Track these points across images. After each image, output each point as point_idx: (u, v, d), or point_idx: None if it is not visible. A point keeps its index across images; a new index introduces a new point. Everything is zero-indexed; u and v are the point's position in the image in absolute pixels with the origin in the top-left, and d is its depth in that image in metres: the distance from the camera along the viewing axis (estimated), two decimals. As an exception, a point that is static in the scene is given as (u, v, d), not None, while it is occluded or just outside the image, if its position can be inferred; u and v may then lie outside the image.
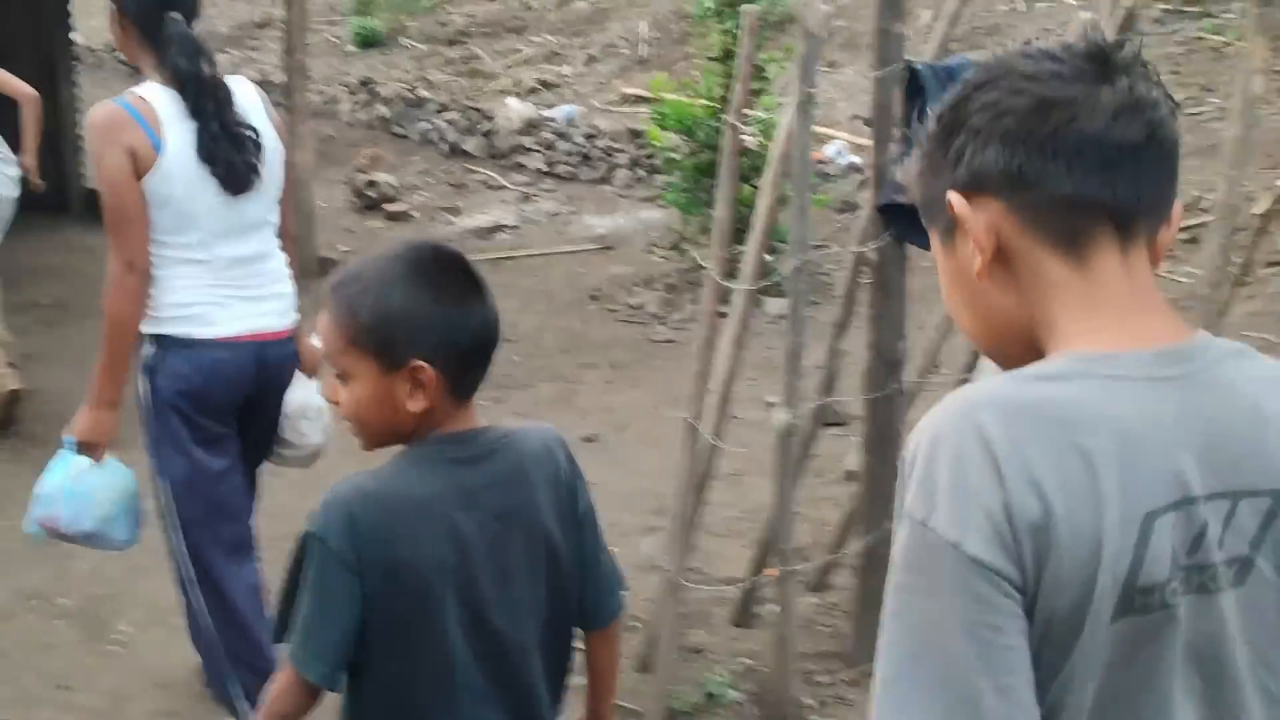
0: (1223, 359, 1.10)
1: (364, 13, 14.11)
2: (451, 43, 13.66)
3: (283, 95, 7.62)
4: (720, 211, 3.70)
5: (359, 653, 1.77)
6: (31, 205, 6.15)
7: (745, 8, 3.71)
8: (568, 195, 10.16)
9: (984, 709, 0.98)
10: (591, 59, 12.69)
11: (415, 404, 1.70)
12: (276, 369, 3.10)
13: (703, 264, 4.27)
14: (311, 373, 3.17)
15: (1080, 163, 1.06)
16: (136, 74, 3.10)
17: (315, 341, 2.02)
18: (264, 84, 4.25)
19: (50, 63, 9.50)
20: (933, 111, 1.15)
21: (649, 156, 9.87)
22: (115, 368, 2.95)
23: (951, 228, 1.13)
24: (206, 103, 2.90)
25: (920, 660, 1.01)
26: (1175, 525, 1.04)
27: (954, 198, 1.10)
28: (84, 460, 2.98)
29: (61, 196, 9.07)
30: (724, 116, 3.92)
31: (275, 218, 3.11)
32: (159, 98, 2.91)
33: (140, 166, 2.85)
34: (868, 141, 4.48)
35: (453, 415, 1.77)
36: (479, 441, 1.80)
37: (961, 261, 1.13)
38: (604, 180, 10.35)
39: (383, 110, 11.65)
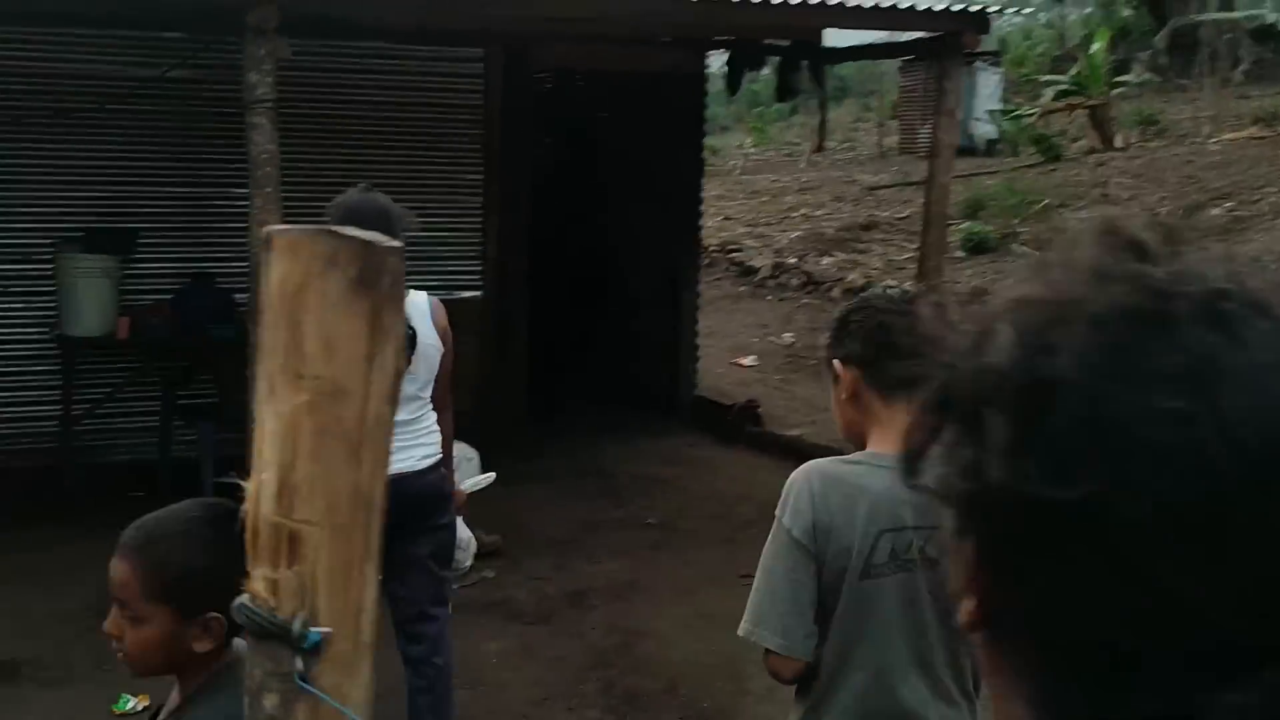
0: None
1: (973, 217, 13.68)
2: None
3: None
4: None
5: None
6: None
7: None
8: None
9: (783, 604, 2.15)
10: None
11: (202, 646, 1.89)
12: (417, 498, 3.77)
13: None
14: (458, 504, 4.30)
15: (899, 360, 2.04)
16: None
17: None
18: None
19: (675, 268, 9.80)
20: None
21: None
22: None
23: (836, 378, 2.26)
24: None
25: (766, 580, 2.19)
26: (893, 538, 2.14)
27: (836, 364, 2.26)
28: None
29: (673, 403, 9.25)
30: None
31: (427, 394, 3.99)
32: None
33: None
34: None
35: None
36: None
37: (837, 392, 2.27)
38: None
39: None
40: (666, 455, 8.36)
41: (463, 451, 6.06)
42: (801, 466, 2.23)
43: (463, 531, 4.55)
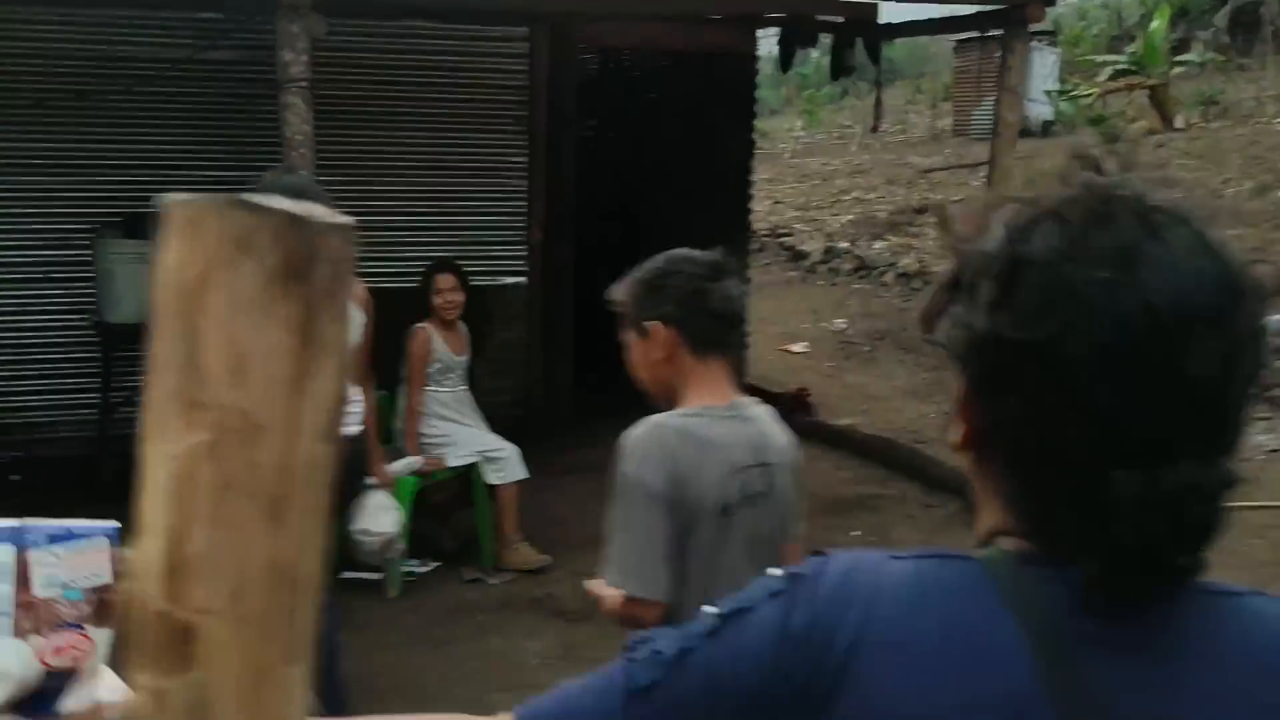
0: (750, 405, 2.51)
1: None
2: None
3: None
4: None
5: None
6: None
7: None
8: None
9: (647, 554, 2.31)
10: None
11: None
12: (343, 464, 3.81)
13: None
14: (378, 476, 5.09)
15: (712, 320, 2.41)
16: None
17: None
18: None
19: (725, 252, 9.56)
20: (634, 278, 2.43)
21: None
22: None
23: (644, 333, 2.43)
24: None
25: (626, 535, 2.34)
26: (741, 478, 2.37)
27: (652, 324, 2.41)
28: None
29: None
30: None
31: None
32: None
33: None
34: None
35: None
36: None
37: (648, 351, 2.44)
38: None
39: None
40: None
41: (499, 446, 5.88)
42: (642, 423, 2.38)
43: (388, 523, 5.11)
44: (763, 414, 2.52)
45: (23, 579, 1.32)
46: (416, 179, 8.19)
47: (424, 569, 5.83)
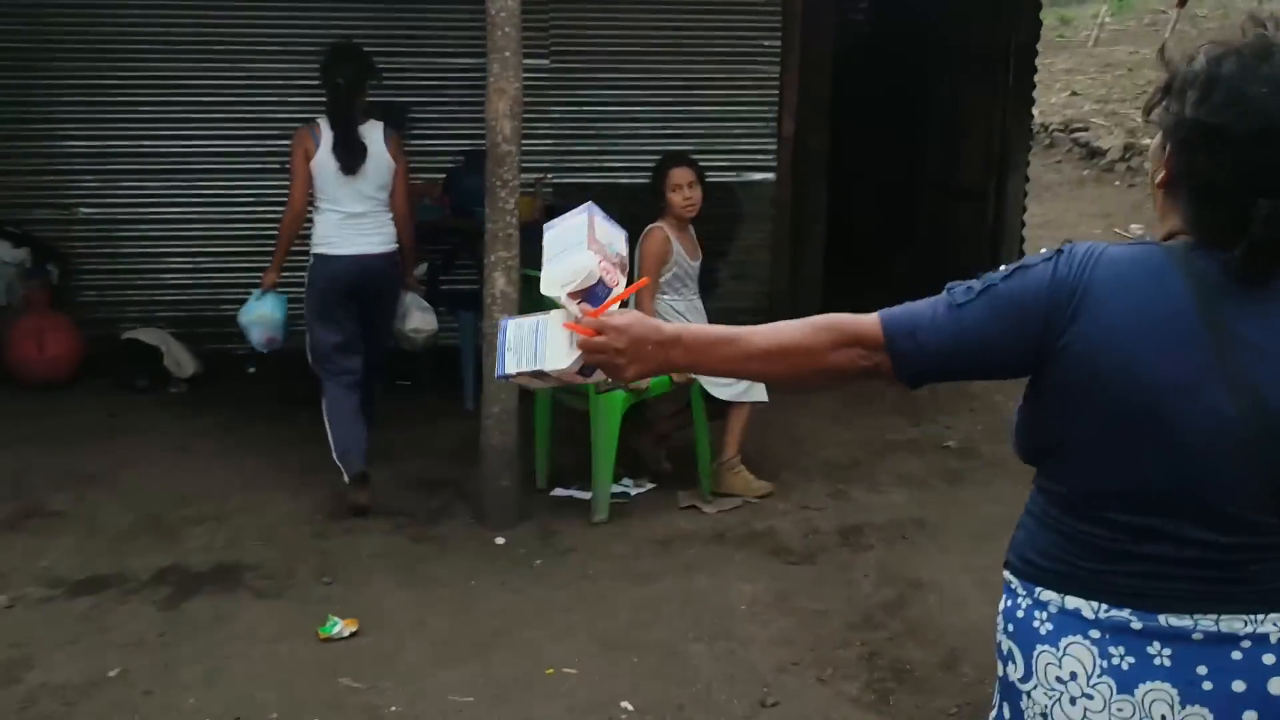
0: None
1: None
2: None
3: None
4: None
5: None
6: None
7: None
8: None
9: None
10: None
11: None
12: (373, 275, 5.28)
13: None
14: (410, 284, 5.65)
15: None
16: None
17: None
18: None
19: (1002, 149, 8.54)
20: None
21: None
22: (279, 253, 5.37)
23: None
24: (338, 128, 5.16)
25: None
26: None
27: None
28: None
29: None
30: None
31: (382, 197, 5.28)
32: (324, 122, 5.19)
33: (309, 155, 5.17)
34: None
35: None
36: None
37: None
38: None
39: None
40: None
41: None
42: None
43: (428, 321, 5.71)
44: None
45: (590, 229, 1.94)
46: (653, 65, 7.60)
47: (638, 490, 5.38)
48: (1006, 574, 1.83)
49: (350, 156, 5.14)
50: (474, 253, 6.88)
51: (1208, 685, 1.66)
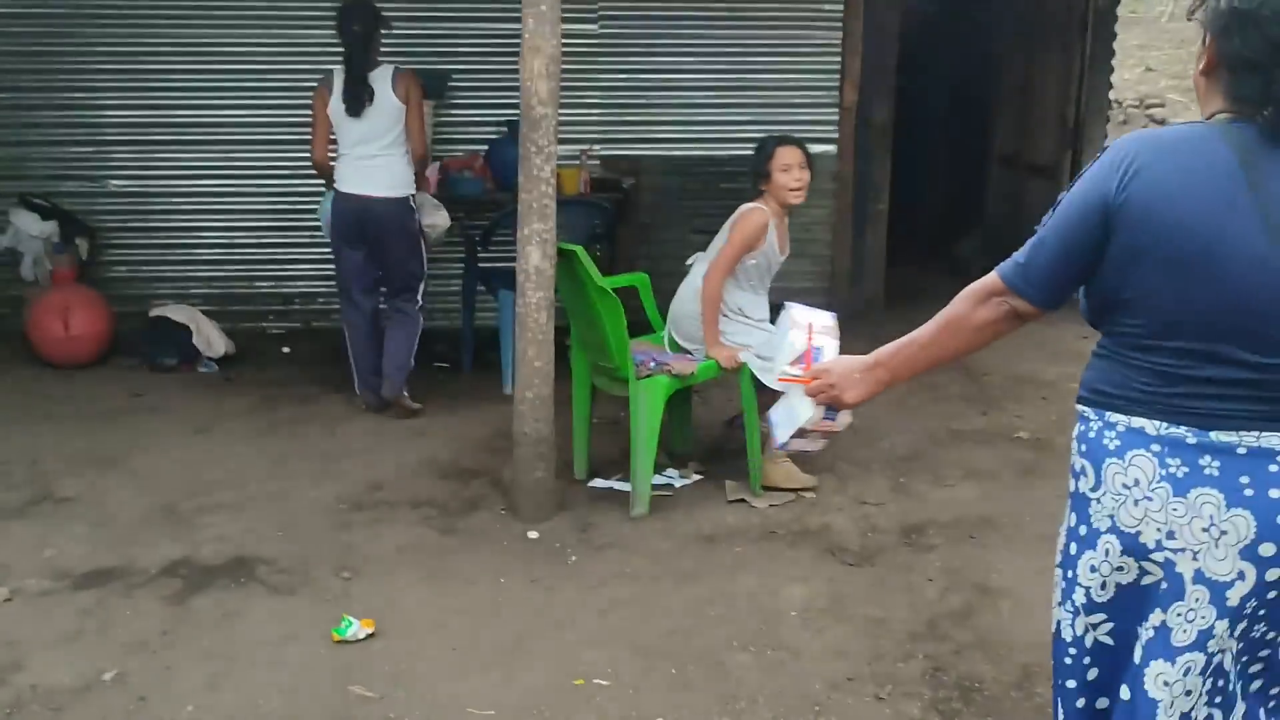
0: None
1: None
2: None
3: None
4: None
5: None
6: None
7: None
8: None
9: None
10: None
11: None
12: (375, 216, 5.63)
13: None
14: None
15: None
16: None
17: None
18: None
19: (1075, 126, 8.05)
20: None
21: None
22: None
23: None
24: (348, 73, 5.53)
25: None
26: None
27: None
28: None
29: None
30: None
31: (389, 139, 5.58)
32: (339, 71, 5.58)
33: (325, 102, 5.63)
34: None
35: None
36: None
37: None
38: None
39: None
40: (1052, 349, 6.85)
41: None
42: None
43: (441, 217, 6.04)
44: None
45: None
46: (707, 31, 7.21)
47: (684, 482, 5.01)
48: (1080, 406, 2.18)
49: (354, 100, 5.50)
50: (516, 228, 6.58)
51: (1249, 492, 1.98)
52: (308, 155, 7.11)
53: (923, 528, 4.59)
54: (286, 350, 6.93)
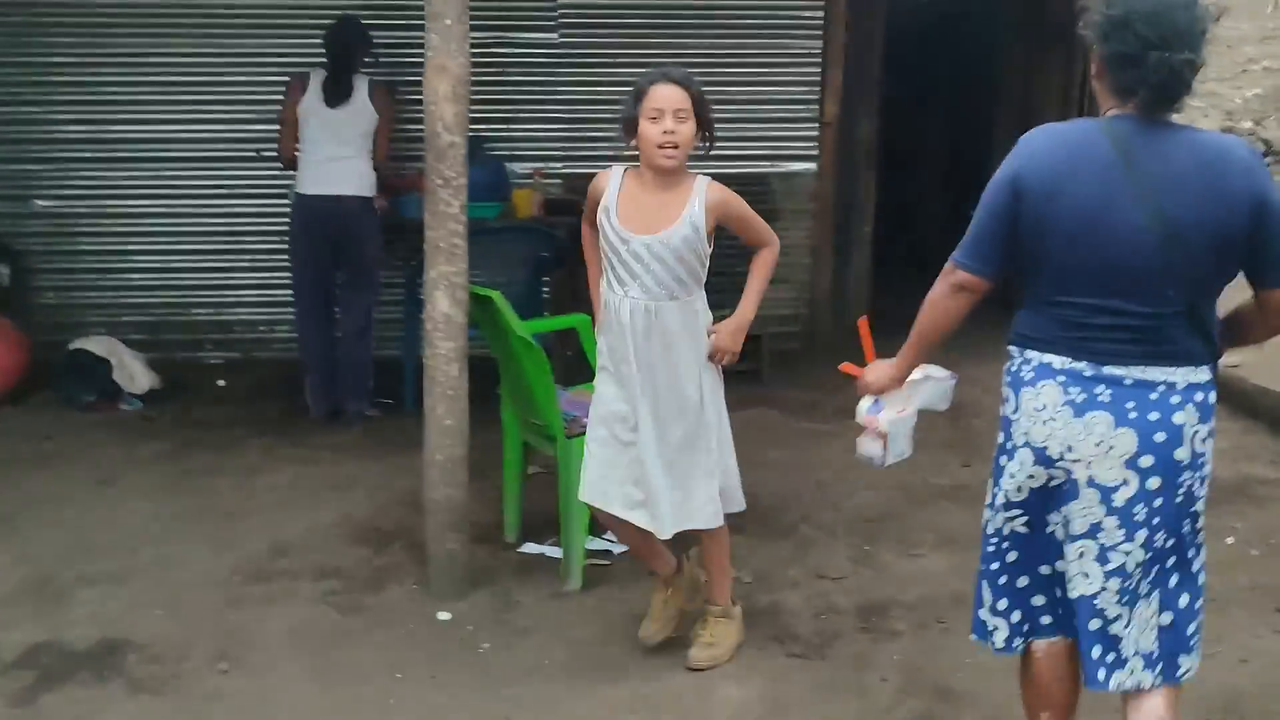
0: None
1: None
2: None
3: None
4: None
5: None
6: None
7: None
8: None
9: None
10: None
11: None
12: (340, 215, 5.69)
13: None
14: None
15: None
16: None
17: None
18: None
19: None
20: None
21: None
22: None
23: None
24: (329, 72, 5.70)
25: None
26: None
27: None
28: None
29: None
30: None
31: (359, 143, 5.71)
32: (316, 70, 5.74)
33: (295, 100, 5.72)
34: None
35: None
36: None
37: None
38: None
39: None
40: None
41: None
42: None
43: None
44: None
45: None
46: (676, 39, 6.69)
47: (621, 549, 4.49)
48: (1010, 347, 2.63)
49: (335, 94, 5.63)
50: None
51: (1133, 415, 2.48)
52: (249, 174, 6.68)
53: (885, 608, 4.06)
54: (221, 383, 6.46)
